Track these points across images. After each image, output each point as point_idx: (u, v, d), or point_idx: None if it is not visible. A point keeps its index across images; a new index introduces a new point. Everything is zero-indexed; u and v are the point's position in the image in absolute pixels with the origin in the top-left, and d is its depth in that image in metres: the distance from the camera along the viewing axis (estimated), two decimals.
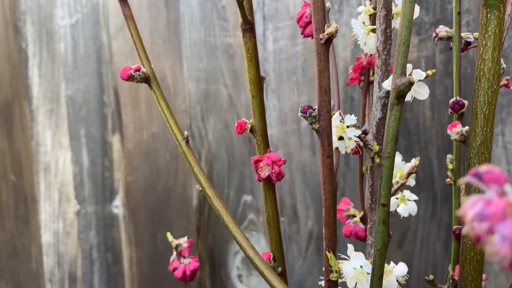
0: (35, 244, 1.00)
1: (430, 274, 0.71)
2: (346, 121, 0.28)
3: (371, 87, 0.36)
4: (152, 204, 0.87)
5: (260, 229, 0.80)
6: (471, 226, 0.12)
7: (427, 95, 0.31)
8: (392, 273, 0.29)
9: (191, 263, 0.52)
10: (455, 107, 0.28)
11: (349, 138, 0.28)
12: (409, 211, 0.32)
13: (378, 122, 0.29)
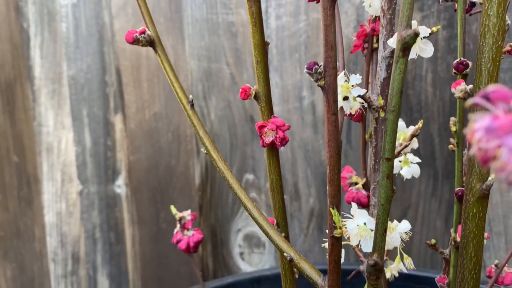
0: (38, 224, 1.01)
1: (430, 250, 0.72)
2: (351, 81, 0.29)
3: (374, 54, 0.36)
4: (154, 184, 0.88)
5: (262, 207, 0.81)
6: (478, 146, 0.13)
7: (432, 52, 0.31)
8: (395, 230, 0.29)
9: (194, 235, 0.52)
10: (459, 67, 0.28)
11: (354, 98, 0.29)
12: (412, 173, 0.33)
13: (382, 82, 0.29)
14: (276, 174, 0.37)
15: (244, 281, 0.59)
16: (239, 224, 0.83)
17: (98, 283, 0.96)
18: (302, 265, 0.30)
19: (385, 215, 0.26)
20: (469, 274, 0.28)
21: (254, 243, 0.82)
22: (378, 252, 0.27)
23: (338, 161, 0.27)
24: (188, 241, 0.53)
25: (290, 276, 0.42)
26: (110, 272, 0.95)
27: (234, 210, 0.83)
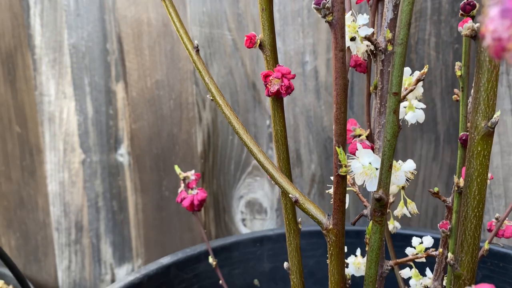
0: (41, 194, 1.02)
1: (430, 214, 0.73)
2: (358, 21, 0.29)
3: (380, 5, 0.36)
4: (157, 152, 0.88)
5: (264, 174, 0.81)
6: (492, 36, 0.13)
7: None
8: (400, 169, 0.30)
9: (198, 194, 0.53)
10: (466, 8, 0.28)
11: (361, 39, 0.29)
12: (417, 118, 0.33)
13: (389, 23, 0.29)
14: (280, 125, 0.37)
15: (247, 241, 0.60)
16: (241, 191, 0.84)
17: (102, 251, 0.97)
18: (307, 205, 0.31)
19: (391, 150, 0.27)
20: (472, 212, 0.29)
21: (256, 209, 0.83)
22: (383, 188, 0.27)
23: (345, 99, 0.27)
24: (192, 199, 0.53)
25: (294, 226, 0.42)
26: (113, 240, 0.96)
27: (236, 177, 0.84)
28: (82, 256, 1.00)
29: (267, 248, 0.61)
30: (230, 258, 0.59)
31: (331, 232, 0.30)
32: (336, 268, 0.30)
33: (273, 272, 0.62)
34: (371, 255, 0.29)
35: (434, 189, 0.37)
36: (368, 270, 0.29)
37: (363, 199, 0.36)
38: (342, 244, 0.30)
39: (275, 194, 0.81)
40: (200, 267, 0.57)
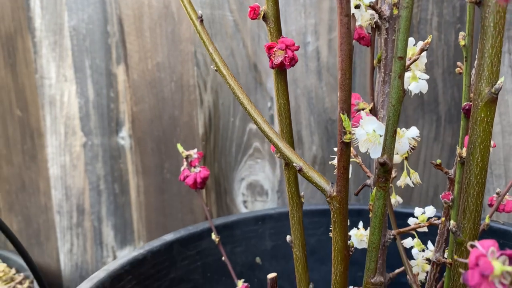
0: (42, 177, 1.02)
1: (431, 194, 0.73)
2: None
3: None
4: (158, 134, 0.88)
5: (265, 156, 0.82)
6: None
7: None
8: (403, 136, 0.30)
9: (201, 172, 0.53)
10: None
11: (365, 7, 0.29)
12: (420, 89, 0.33)
13: None
14: (284, 98, 0.37)
15: (248, 219, 0.61)
16: (243, 173, 0.84)
17: (103, 233, 0.98)
18: (311, 174, 0.31)
19: (396, 116, 0.27)
20: (474, 179, 0.29)
21: (257, 191, 0.83)
22: (387, 153, 0.27)
23: (350, 66, 0.27)
24: (195, 177, 0.53)
25: (297, 199, 0.43)
26: (115, 223, 0.96)
27: (238, 160, 0.84)
28: (84, 239, 1.00)
29: (268, 226, 0.62)
30: (232, 236, 0.60)
31: (334, 199, 0.30)
32: (340, 235, 0.31)
33: (275, 250, 0.63)
34: (374, 221, 0.29)
35: (437, 161, 0.37)
36: (371, 236, 0.30)
37: (366, 170, 0.36)
38: (346, 211, 0.30)
39: (276, 176, 0.81)
40: (202, 244, 0.57)
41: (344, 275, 0.32)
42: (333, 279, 0.32)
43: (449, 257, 0.37)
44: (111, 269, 0.47)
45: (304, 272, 0.44)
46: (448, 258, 0.37)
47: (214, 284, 0.59)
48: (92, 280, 0.45)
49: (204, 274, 0.57)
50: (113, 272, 0.46)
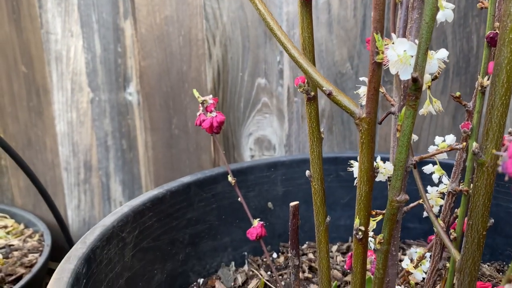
0: (49, 134, 1.02)
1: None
2: None
3: None
4: (166, 90, 0.88)
5: (273, 111, 0.83)
6: None
7: None
8: (433, 58, 0.31)
9: (217, 116, 0.54)
10: None
11: None
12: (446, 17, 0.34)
13: None
14: (308, 32, 0.38)
15: (261, 166, 0.62)
16: (251, 128, 0.85)
17: (111, 189, 1.00)
18: (340, 97, 0.32)
19: (429, 33, 0.28)
20: (499, 101, 0.30)
21: (265, 146, 0.85)
22: (419, 71, 0.28)
23: None
24: (212, 121, 0.54)
25: (317, 134, 0.44)
26: (122, 178, 0.98)
27: (246, 115, 0.85)
28: (91, 195, 1.02)
29: (280, 173, 0.63)
30: (245, 181, 0.61)
31: (363, 120, 0.31)
32: (367, 156, 0.32)
33: (286, 196, 0.64)
34: (402, 140, 0.31)
35: (456, 93, 0.39)
36: (399, 155, 0.31)
37: (390, 99, 0.37)
38: (373, 132, 0.32)
39: (284, 131, 0.83)
40: (218, 187, 0.59)
41: (369, 195, 0.34)
42: (357, 200, 0.34)
43: (465, 185, 0.39)
44: (133, 205, 0.48)
45: (322, 205, 0.45)
46: (465, 185, 0.39)
47: (229, 226, 0.60)
48: (116, 214, 0.46)
49: (219, 216, 0.59)
50: (135, 207, 0.48)
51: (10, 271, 0.81)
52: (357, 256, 0.35)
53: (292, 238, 0.42)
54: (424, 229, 0.64)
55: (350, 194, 0.66)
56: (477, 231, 0.34)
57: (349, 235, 0.68)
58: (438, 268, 0.43)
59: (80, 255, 0.38)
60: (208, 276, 0.59)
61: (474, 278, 0.35)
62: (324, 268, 0.48)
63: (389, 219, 0.33)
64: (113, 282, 0.43)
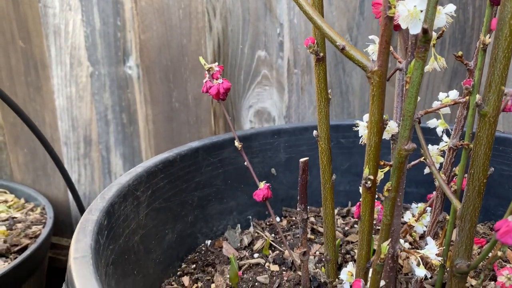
0: (48, 109, 1.03)
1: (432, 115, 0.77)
2: None
3: None
4: (166, 63, 0.89)
5: (273, 83, 0.84)
6: None
7: None
8: (441, 13, 0.33)
9: (223, 83, 0.55)
10: None
11: None
12: None
13: None
14: None
15: (265, 133, 0.64)
16: (251, 101, 0.87)
17: (112, 163, 1.01)
18: (353, 52, 0.34)
19: None
20: (502, 54, 0.32)
21: (265, 118, 0.86)
22: (429, 24, 0.30)
23: None
24: (218, 87, 0.56)
25: (325, 95, 0.46)
26: (123, 152, 0.99)
27: (246, 87, 0.86)
28: (91, 169, 1.03)
29: (283, 140, 0.65)
30: (250, 147, 0.63)
31: (375, 73, 0.33)
32: (377, 108, 0.34)
33: (288, 162, 0.66)
34: (411, 91, 0.33)
35: (458, 53, 0.41)
36: (407, 105, 0.33)
37: (397, 56, 0.39)
38: (384, 85, 0.34)
39: (284, 102, 0.84)
40: (224, 153, 0.60)
41: (378, 146, 0.36)
42: (367, 151, 0.36)
43: (466, 139, 0.41)
44: (146, 166, 0.50)
45: (328, 164, 0.48)
46: (466, 140, 0.41)
47: (234, 190, 0.62)
48: (131, 173, 0.48)
49: (225, 181, 0.61)
50: (148, 168, 0.50)
51: (15, 241, 0.83)
52: (366, 205, 0.37)
53: (301, 193, 0.45)
54: (421, 193, 0.67)
55: (349, 160, 0.68)
56: (478, 179, 0.37)
57: (348, 200, 0.70)
58: (439, 220, 0.46)
59: (101, 208, 0.40)
60: (215, 238, 0.61)
61: (474, 224, 0.38)
62: (329, 224, 0.50)
63: (397, 168, 0.35)
64: (129, 238, 0.45)
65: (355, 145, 0.68)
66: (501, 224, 0.28)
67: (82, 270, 0.30)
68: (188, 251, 0.57)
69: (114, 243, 0.40)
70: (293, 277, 0.51)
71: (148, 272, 0.48)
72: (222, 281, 0.51)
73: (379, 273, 0.38)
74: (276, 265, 0.54)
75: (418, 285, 0.47)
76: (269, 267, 0.54)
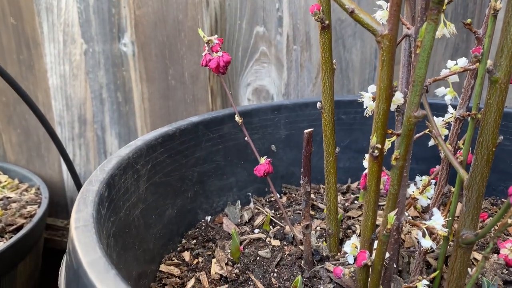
0: (41, 88, 1.01)
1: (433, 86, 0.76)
2: None
3: None
4: (162, 39, 0.88)
5: (272, 60, 0.83)
6: None
7: None
8: None
9: (223, 56, 0.54)
10: None
11: None
12: None
13: None
14: None
15: (266, 108, 0.63)
16: (249, 79, 0.85)
17: (107, 143, 0.99)
18: (362, 15, 0.33)
19: None
20: None
21: (263, 96, 0.85)
22: None
23: None
24: (218, 60, 0.54)
25: (330, 65, 0.45)
26: (118, 131, 0.97)
27: (244, 65, 0.85)
28: (86, 149, 1.02)
29: (284, 116, 0.64)
30: (250, 123, 0.62)
31: (385, 37, 0.32)
32: (387, 74, 0.33)
33: (288, 139, 0.66)
34: (423, 55, 0.32)
35: (467, 20, 0.40)
36: (418, 70, 0.32)
37: (406, 22, 0.38)
38: (394, 50, 0.33)
39: (282, 80, 0.83)
40: (224, 128, 0.59)
41: (386, 114, 0.35)
42: (375, 119, 0.35)
43: (474, 109, 0.41)
44: (146, 139, 0.49)
45: (331, 136, 0.47)
46: (473, 110, 0.40)
47: (234, 167, 0.62)
48: (131, 146, 0.47)
49: (225, 157, 0.60)
50: (148, 142, 0.48)
51: (10, 221, 0.82)
52: (372, 175, 0.37)
53: (305, 165, 0.44)
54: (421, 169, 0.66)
55: (350, 137, 0.67)
56: (487, 147, 0.36)
57: (348, 177, 0.70)
58: (444, 192, 0.45)
59: (101, 179, 0.39)
60: (215, 214, 0.60)
61: (482, 193, 0.38)
62: (332, 198, 0.49)
63: (406, 135, 0.34)
64: (130, 211, 0.44)
65: (355, 121, 0.67)
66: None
67: (84, 238, 0.29)
68: (188, 227, 0.56)
69: (115, 215, 0.40)
70: (295, 252, 0.51)
71: (148, 246, 0.47)
72: (224, 256, 0.50)
73: (385, 243, 0.38)
74: (277, 240, 0.54)
75: (421, 258, 0.47)
76: (270, 242, 0.53)
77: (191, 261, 0.51)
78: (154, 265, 0.48)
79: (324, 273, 0.46)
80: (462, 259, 0.40)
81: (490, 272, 0.46)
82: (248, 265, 0.49)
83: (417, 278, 0.45)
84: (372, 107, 0.43)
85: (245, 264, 0.49)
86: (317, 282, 0.45)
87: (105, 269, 0.26)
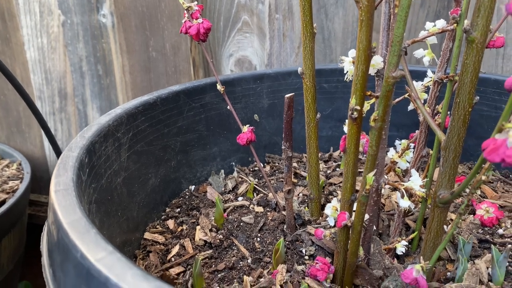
0: (19, 62, 0.98)
1: (414, 61, 0.76)
2: None
3: None
4: (142, 10, 0.86)
5: (254, 30, 0.82)
6: None
7: None
8: None
9: (204, 22, 0.53)
10: None
11: None
12: None
13: None
14: None
15: (248, 77, 0.63)
16: (231, 49, 0.85)
17: (89, 117, 0.98)
18: None
19: None
20: None
21: (246, 67, 0.85)
22: None
23: None
24: (198, 27, 0.54)
25: (310, 29, 0.45)
26: (100, 105, 0.96)
27: (226, 35, 0.84)
28: (68, 124, 1.00)
29: (266, 85, 0.64)
30: (233, 92, 0.62)
31: None
32: (365, 34, 0.33)
33: (271, 108, 0.66)
34: (400, 14, 0.32)
35: None
36: (396, 30, 0.32)
37: None
38: (373, 10, 0.33)
39: (265, 50, 0.83)
40: (206, 98, 0.59)
41: (365, 75, 0.35)
42: (354, 80, 0.35)
43: (452, 71, 0.41)
44: (126, 107, 0.48)
45: (312, 102, 0.47)
46: (451, 72, 0.41)
47: (217, 136, 0.62)
48: (111, 114, 0.46)
49: (207, 127, 0.60)
50: (128, 110, 0.48)
51: None
52: (351, 137, 0.37)
53: (286, 130, 0.44)
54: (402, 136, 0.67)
55: (332, 106, 0.68)
56: (464, 108, 0.37)
57: (330, 145, 0.70)
58: (422, 155, 0.46)
59: (81, 146, 0.38)
60: (199, 183, 0.60)
61: (458, 154, 0.38)
62: (314, 163, 0.50)
63: (385, 96, 0.34)
64: (111, 179, 0.44)
65: (337, 90, 0.67)
66: (488, 143, 0.28)
67: (64, 200, 0.29)
68: (172, 196, 0.57)
69: (96, 182, 0.40)
70: (277, 217, 0.51)
71: (132, 214, 0.47)
72: (208, 223, 0.51)
73: (364, 204, 0.38)
74: (260, 207, 0.55)
75: (400, 220, 0.48)
76: (254, 209, 0.54)
77: (176, 229, 0.51)
78: (138, 233, 0.49)
79: (306, 236, 0.47)
80: (439, 219, 0.41)
81: (466, 231, 0.48)
82: (231, 230, 0.49)
83: (396, 239, 0.46)
84: (353, 72, 0.43)
85: (229, 230, 0.49)
86: (299, 245, 0.46)
87: (86, 229, 0.26)
